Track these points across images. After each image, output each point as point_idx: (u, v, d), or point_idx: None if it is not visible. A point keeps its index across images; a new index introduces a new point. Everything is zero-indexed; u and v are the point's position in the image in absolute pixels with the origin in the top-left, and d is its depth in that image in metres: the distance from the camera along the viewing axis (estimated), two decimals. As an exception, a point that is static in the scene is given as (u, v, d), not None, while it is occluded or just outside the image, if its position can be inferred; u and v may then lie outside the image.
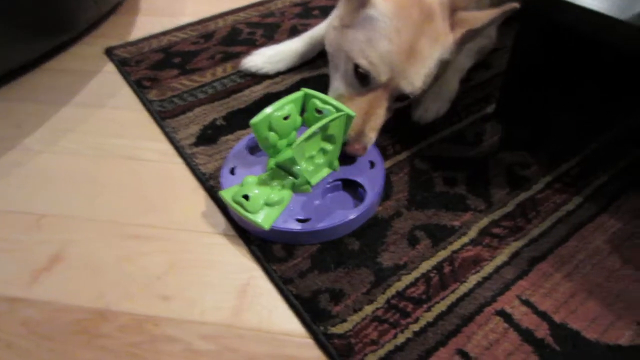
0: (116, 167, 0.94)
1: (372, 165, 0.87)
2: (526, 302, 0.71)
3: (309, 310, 0.70)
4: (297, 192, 0.82)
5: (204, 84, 1.12)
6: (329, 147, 0.81)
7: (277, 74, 1.14)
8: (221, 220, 0.84)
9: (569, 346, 0.66)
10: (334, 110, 0.79)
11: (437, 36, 0.85)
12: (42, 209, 0.86)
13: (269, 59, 1.14)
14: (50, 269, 0.77)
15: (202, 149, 0.95)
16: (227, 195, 0.79)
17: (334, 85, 0.93)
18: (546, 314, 0.70)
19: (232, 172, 0.86)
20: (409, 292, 0.72)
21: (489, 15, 0.86)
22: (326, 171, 0.85)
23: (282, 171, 0.83)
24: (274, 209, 0.78)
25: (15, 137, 1.01)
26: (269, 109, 0.78)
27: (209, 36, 1.29)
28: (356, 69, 0.86)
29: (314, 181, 0.83)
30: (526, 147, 0.95)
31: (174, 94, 1.09)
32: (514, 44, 0.92)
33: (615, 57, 0.99)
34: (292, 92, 0.81)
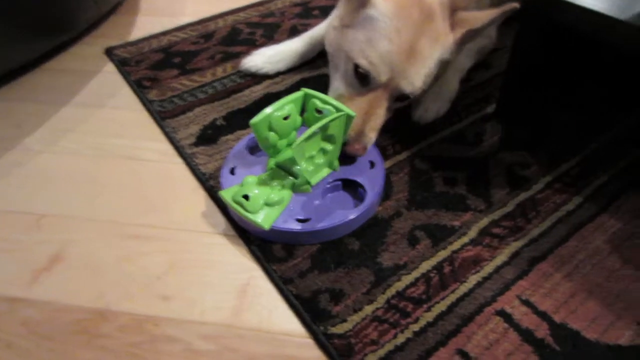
0: (116, 167, 0.94)
1: (372, 165, 0.87)
2: (526, 302, 0.71)
3: (309, 310, 0.70)
4: (297, 192, 0.82)
5: (204, 84, 1.12)
6: (329, 147, 0.81)
7: (277, 74, 1.14)
8: (221, 220, 0.84)
9: (569, 346, 0.66)
10: (334, 110, 0.79)
11: (437, 36, 0.85)
12: (42, 209, 0.86)
13: (269, 59, 1.14)
14: (50, 269, 0.77)
15: (202, 149, 0.95)
16: (227, 195, 0.79)
17: (334, 85, 0.93)
18: (546, 314, 0.70)
19: (232, 172, 0.86)
20: (409, 292, 0.72)
21: (489, 15, 0.86)
22: (326, 171, 0.85)
23: (282, 171, 0.83)
24: (274, 209, 0.78)
25: (15, 137, 1.01)
26: (269, 109, 0.78)
27: (209, 36, 1.29)
28: (356, 69, 0.86)
29: (314, 181, 0.83)
30: (526, 147, 0.95)
31: (174, 94, 1.09)
32: (514, 44, 0.92)
33: (615, 57, 0.99)
34: (292, 92, 0.81)
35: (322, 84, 0.87)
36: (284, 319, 0.71)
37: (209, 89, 1.10)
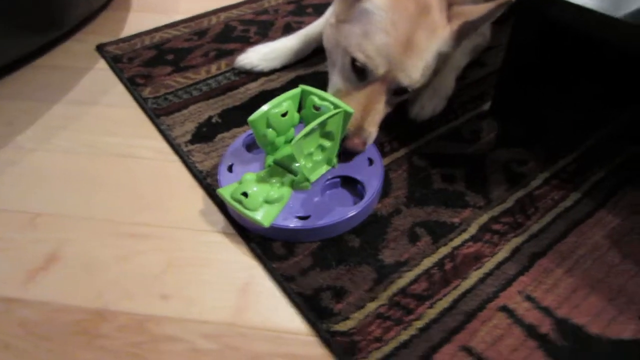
0: (111, 165, 0.93)
1: (371, 162, 0.86)
2: (528, 298, 0.71)
3: (311, 308, 0.70)
4: (296, 189, 0.81)
5: (199, 81, 1.11)
6: (327, 143, 0.81)
7: (272, 72, 1.13)
8: (219, 218, 0.83)
9: (573, 341, 0.66)
10: (332, 107, 0.78)
11: (434, 28, 0.85)
12: (37, 208, 0.84)
13: (264, 56, 1.13)
14: (46, 268, 0.75)
15: (198, 146, 0.94)
16: (225, 193, 0.78)
17: (332, 81, 0.93)
18: (549, 309, 0.70)
19: (230, 169, 0.85)
20: (412, 289, 0.72)
21: (485, 8, 0.86)
22: (325, 168, 0.84)
23: (281, 168, 0.82)
24: (273, 206, 0.77)
25: (7, 135, 0.99)
26: (267, 106, 0.77)
27: (202, 33, 1.28)
28: (353, 63, 0.86)
29: (313, 178, 0.82)
30: (522, 144, 0.95)
31: (168, 91, 1.08)
32: (509, 41, 0.92)
33: (610, 54, 1.00)
34: (288, 90, 0.81)
35: (317, 82, 0.86)
36: (286, 317, 0.70)
37: (204, 87, 1.09)
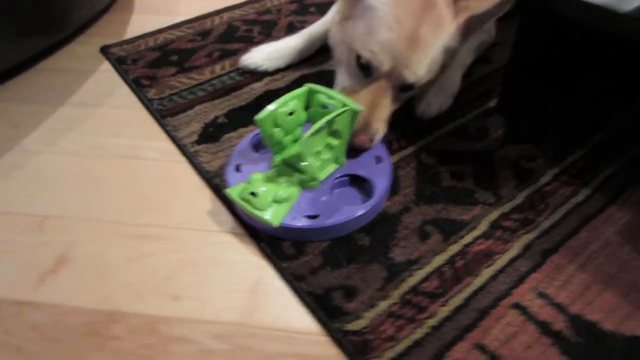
0: (117, 166, 0.92)
1: (379, 160, 0.86)
2: (541, 295, 0.71)
3: (323, 307, 0.69)
4: (304, 188, 0.81)
5: (203, 81, 1.10)
6: (335, 142, 0.80)
7: (276, 71, 1.13)
8: (228, 218, 0.83)
9: (587, 338, 0.66)
10: (339, 105, 0.78)
11: (440, 23, 0.84)
12: (44, 211, 0.84)
13: (268, 56, 1.12)
14: (56, 271, 0.75)
15: (204, 147, 0.94)
16: (233, 193, 0.78)
17: (338, 78, 0.93)
18: (562, 305, 0.69)
19: (238, 169, 0.85)
20: (423, 287, 0.71)
21: (492, 2, 0.85)
22: (333, 167, 0.84)
23: (289, 168, 0.82)
24: (282, 205, 0.76)
25: (12, 138, 0.99)
26: (273, 105, 0.77)
27: (205, 34, 1.28)
28: (358, 59, 0.86)
29: (322, 177, 0.82)
30: (530, 140, 0.95)
31: (173, 92, 1.07)
32: (516, 37, 0.92)
33: (617, 49, 0.99)
34: (293, 89, 0.80)
35: (322, 81, 0.86)
36: (297, 317, 0.69)
37: (209, 87, 1.09)
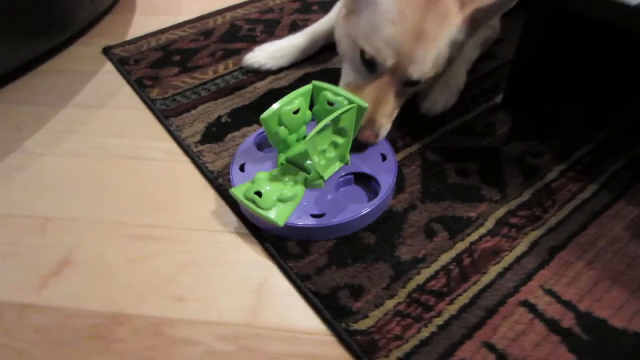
0: (120, 167, 0.92)
1: (384, 158, 0.85)
2: (549, 292, 0.70)
3: (329, 307, 0.68)
4: (309, 187, 0.80)
5: (206, 81, 1.10)
6: (340, 140, 0.79)
7: (280, 70, 1.12)
8: (232, 218, 0.82)
9: (596, 335, 0.65)
10: (345, 102, 0.77)
11: (446, 16, 0.83)
12: (47, 212, 0.84)
13: (271, 54, 1.12)
14: (59, 273, 0.74)
15: (208, 146, 0.93)
16: (238, 192, 0.77)
17: (343, 74, 0.92)
18: (571, 303, 0.68)
19: (242, 169, 0.84)
20: (430, 286, 0.71)
21: None
22: (338, 165, 0.83)
23: (293, 166, 0.81)
24: (287, 205, 0.76)
25: (15, 139, 0.98)
26: (278, 104, 0.76)
27: (208, 33, 1.27)
28: (362, 55, 0.85)
29: (327, 175, 0.81)
30: (536, 136, 0.94)
31: (176, 92, 1.07)
32: (522, 33, 0.91)
33: (624, 44, 0.98)
34: (297, 88, 0.79)
35: (325, 79, 0.85)
36: (303, 317, 0.69)
37: (212, 86, 1.08)
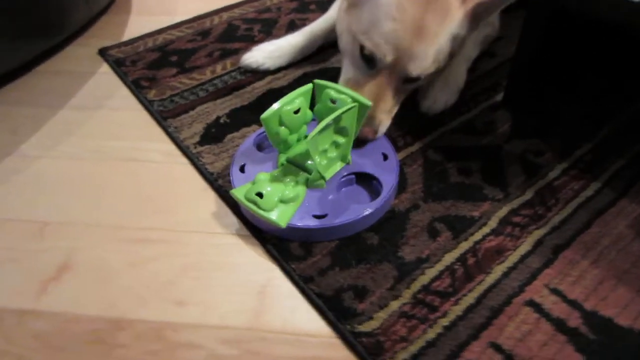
0: (118, 169, 0.91)
1: (385, 157, 0.84)
2: (555, 291, 0.69)
3: (333, 308, 0.68)
4: (310, 187, 0.79)
5: (204, 81, 1.09)
6: (341, 139, 0.79)
7: (278, 70, 1.11)
8: (233, 220, 0.81)
9: (603, 334, 0.64)
10: (349, 100, 0.77)
11: (447, 10, 0.82)
12: (45, 216, 0.82)
13: (269, 54, 1.11)
14: (58, 278, 0.73)
15: (207, 147, 0.92)
16: (239, 193, 0.76)
17: (343, 69, 0.91)
18: (576, 302, 0.68)
19: (242, 169, 0.83)
20: (435, 286, 0.70)
21: None
22: (339, 165, 0.82)
23: (294, 167, 0.80)
24: (289, 206, 0.75)
25: (11, 143, 0.97)
26: (279, 103, 0.75)
27: (205, 33, 1.26)
28: (362, 50, 0.84)
29: (328, 176, 0.80)
30: (538, 135, 0.93)
31: (174, 93, 1.06)
32: (522, 30, 0.90)
33: (624, 41, 0.98)
34: (296, 87, 0.79)
35: (324, 79, 0.84)
36: (307, 319, 0.68)
37: (210, 87, 1.07)
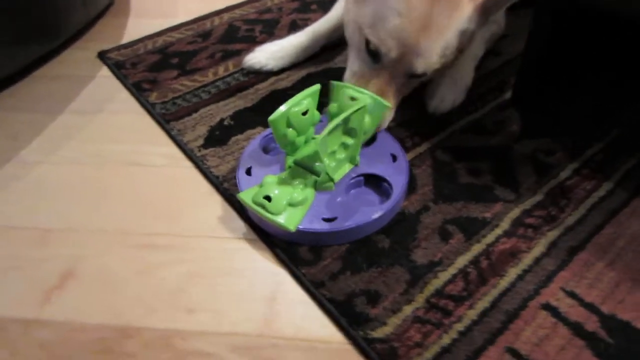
0: (121, 174, 0.89)
1: (394, 158, 0.83)
2: (571, 294, 0.68)
3: (345, 314, 0.66)
4: (319, 190, 0.78)
5: (207, 83, 1.07)
6: (350, 141, 0.78)
7: (281, 70, 1.10)
8: (240, 224, 0.79)
9: (621, 338, 0.63)
10: (369, 99, 0.76)
11: (456, 4, 0.80)
12: (47, 223, 0.81)
13: (272, 55, 1.09)
14: (62, 286, 0.71)
15: (212, 150, 0.90)
16: (246, 197, 0.74)
17: (349, 61, 0.90)
18: (593, 305, 0.66)
19: (249, 172, 0.81)
20: (448, 290, 0.68)
21: None
22: (348, 166, 0.81)
23: (302, 169, 0.79)
24: (297, 209, 0.73)
25: (10, 149, 0.95)
26: (287, 105, 0.74)
27: (206, 35, 1.25)
28: (367, 44, 0.83)
29: (337, 178, 0.79)
30: (547, 134, 0.92)
31: (176, 95, 1.04)
32: (531, 29, 0.89)
33: (635, 36, 0.97)
34: (299, 88, 0.78)
35: (328, 79, 0.83)
36: (319, 326, 0.66)
37: (212, 89, 1.06)
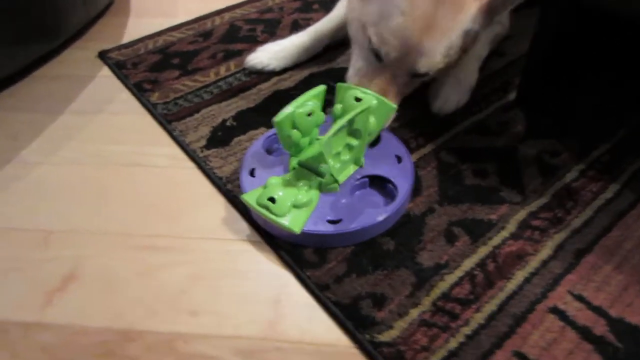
0: (122, 175, 0.88)
1: (399, 160, 0.82)
2: (579, 297, 0.67)
3: (351, 317, 0.65)
4: (323, 191, 0.77)
5: (208, 83, 1.06)
6: (354, 142, 0.77)
7: (284, 70, 1.09)
8: (243, 225, 0.79)
9: (631, 342, 0.62)
10: (374, 100, 0.75)
11: (460, 4, 0.80)
12: (48, 225, 0.80)
13: (274, 55, 1.08)
14: (64, 288, 0.71)
15: (214, 151, 0.89)
16: (250, 198, 0.74)
17: (353, 59, 0.90)
18: (601, 308, 0.66)
19: (252, 174, 0.81)
20: (455, 293, 0.68)
21: None
22: (353, 168, 0.80)
23: (307, 170, 0.78)
24: (302, 210, 0.73)
25: (11, 149, 0.94)
26: (292, 106, 0.73)
27: (207, 35, 1.24)
28: (370, 43, 0.83)
29: (342, 179, 0.78)
30: (553, 135, 0.91)
31: (178, 95, 1.03)
32: (536, 29, 0.88)
33: (638, 38, 0.96)
34: (302, 88, 0.77)
35: (331, 79, 0.83)
36: (324, 329, 0.65)
37: (214, 89, 1.05)
